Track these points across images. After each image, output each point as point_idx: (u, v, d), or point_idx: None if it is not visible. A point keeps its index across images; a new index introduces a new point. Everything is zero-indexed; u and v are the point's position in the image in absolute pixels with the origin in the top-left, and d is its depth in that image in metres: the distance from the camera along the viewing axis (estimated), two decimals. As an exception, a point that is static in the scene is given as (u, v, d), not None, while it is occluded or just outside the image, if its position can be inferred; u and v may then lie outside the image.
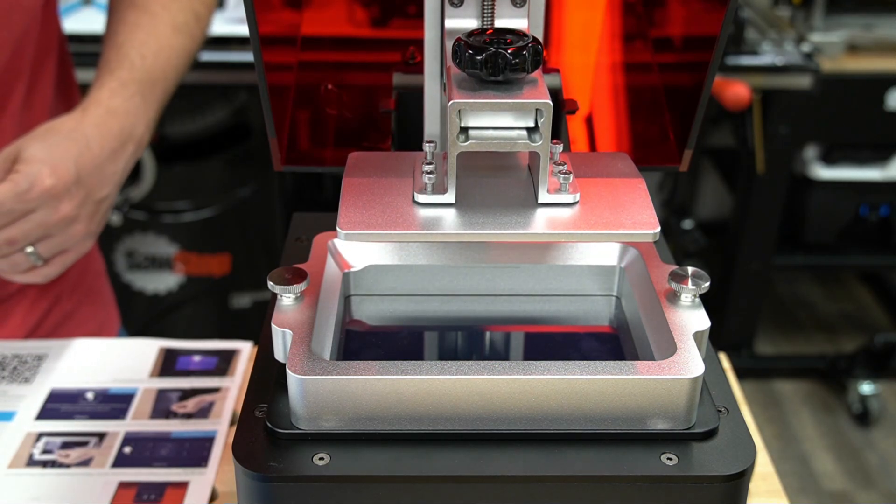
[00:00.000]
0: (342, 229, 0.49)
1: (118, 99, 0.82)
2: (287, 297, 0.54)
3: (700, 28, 0.62)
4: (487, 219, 0.50)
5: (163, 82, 0.87)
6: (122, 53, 0.85)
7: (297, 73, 0.69)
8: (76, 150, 0.77)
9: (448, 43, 0.54)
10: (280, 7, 0.70)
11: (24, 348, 0.86)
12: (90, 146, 0.78)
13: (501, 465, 0.48)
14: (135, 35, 0.87)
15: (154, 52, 0.87)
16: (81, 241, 0.80)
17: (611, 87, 0.74)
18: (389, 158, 0.57)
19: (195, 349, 0.86)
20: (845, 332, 2.45)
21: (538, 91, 0.49)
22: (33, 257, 0.77)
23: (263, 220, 1.91)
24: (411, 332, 0.61)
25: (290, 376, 0.49)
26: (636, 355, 0.57)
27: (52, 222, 0.76)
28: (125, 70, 0.84)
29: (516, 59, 0.49)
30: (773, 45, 1.89)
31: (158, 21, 0.88)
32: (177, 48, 0.89)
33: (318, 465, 0.48)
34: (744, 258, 2.07)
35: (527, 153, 0.56)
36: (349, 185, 0.52)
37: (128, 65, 0.85)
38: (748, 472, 0.48)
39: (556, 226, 0.50)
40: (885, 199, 2.04)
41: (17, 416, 0.77)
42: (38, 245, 0.77)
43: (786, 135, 1.91)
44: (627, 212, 0.51)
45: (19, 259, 0.77)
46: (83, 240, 0.80)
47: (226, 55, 1.68)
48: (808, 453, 2.07)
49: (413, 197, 0.51)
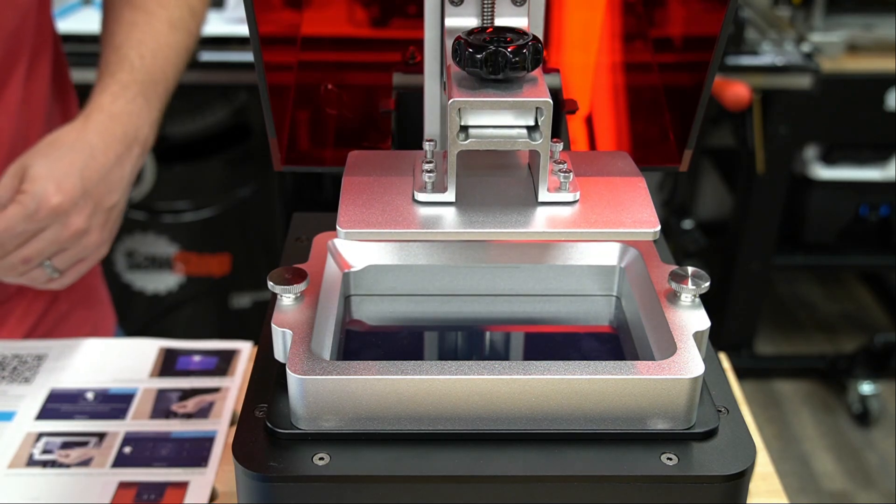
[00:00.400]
0: (342, 228, 0.49)
1: (120, 102, 0.82)
2: (287, 297, 0.54)
3: (700, 28, 0.62)
4: (487, 217, 0.50)
5: (164, 81, 0.87)
6: (122, 55, 0.85)
7: (297, 73, 0.69)
8: (81, 162, 0.77)
9: (448, 42, 0.54)
10: (280, 7, 0.70)
11: (24, 348, 0.86)
12: (95, 155, 0.78)
13: (501, 465, 0.48)
14: (132, 34, 0.87)
15: (153, 51, 0.86)
16: (96, 249, 0.80)
17: (611, 87, 0.74)
18: (389, 157, 0.57)
19: (195, 349, 0.86)
20: (845, 332, 2.45)
21: (538, 89, 0.49)
22: (49, 270, 0.78)
23: (263, 220, 1.91)
24: (411, 333, 0.61)
25: (290, 376, 0.49)
26: (636, 355, 0.57)
27: (64, 238, 0.76)
28: (125, 72, 0.84)
29: (516, 57, 0.48)
30: (773, 45, 1.89)
31: (155, 19, 0.88)
32: (175, 45, 0.89)
33: (318, 465, 0.48)
34: (744, 258, 2.07)
35: (527, 152, 0.56)
36: (349, 184, 0.52)
37: (128, 66, 0.84)
38: (748, 472, 0.48)
39: (556, 224, 0.50)
40: (885, 199, 2.04)
41: (17, 416, 0.77)
42: (54, 259, 0.78)
43: (786, 135, 1.91)
44: (628, 210, 0.51)
45: (37, 274, 0.78)
46: (98, 248, 0.80)
47: (226, 55, 1.68)
48: (808, 453, 2.07)
49: (413, 196, 0.51)
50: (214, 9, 1.77)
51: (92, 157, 0.78)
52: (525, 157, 0.56)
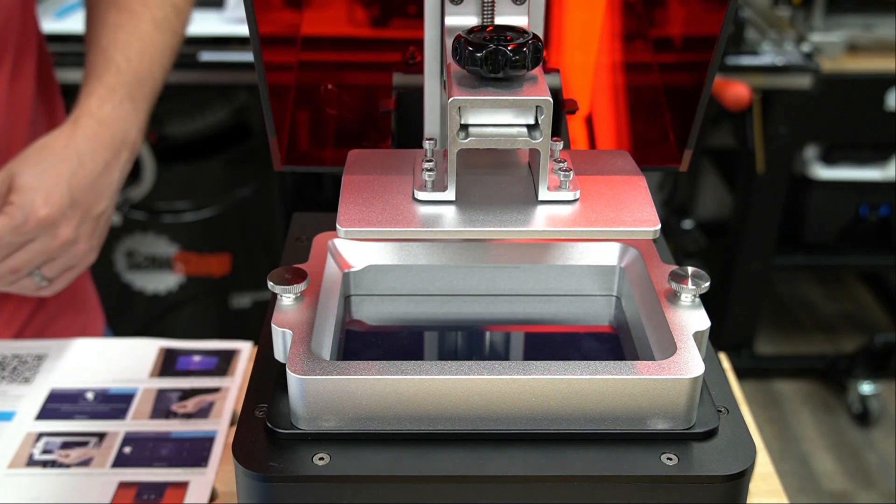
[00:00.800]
0: (342, 226, 0.49)
1: (108, 106, 0.81)
2: (287, 297, 0.54)
3: (700, 28, 0.62)
4: (488, 216, 0.50)
5: (150, 82, 0.87)
6: (108, 57, 0.84)
7: (297, 73, 0.69)
8: (69, 171, 0.76)
9: (448, 41, 0.54)
10: (280, 7, 0.70)
11: (24, 348, 0.86)
12: (83, 163, 0.77)
13: (501, 465, 0.48)
14: (118, 36, 0.86)
15: (139, 52, 0.86)
16: (85, 256, 0.80)
17: (611, 87, 0.74)
18: (389, 156, 0.57)
19: (195, 349, 0.86)
20: (845, 332, 2.45)
21: (538, 88, 0.49)
22: (38, 278, 0.78)
23: (263, 220, 1.91)
24: (411, 333, 0.61)
25: (290, 376, 0.49)
26: (636, 355, 0.57)
27: (52, 248, 0.76)
28: (112, 75, 0.83)
29: (517, 55, 0.48)
30: (773, 45, 1.89)
31: (139, 20, 0.87)
32: (160, 46, 0.88)
33: (318, 465, 0.48)
34: (744, 258, 2.07)
35: (527, 151, 0.56)
36: (349, 183, 0.52)
37: (114, 69, 0.84)
38: (748, 472, 0.48)
39: (556, 223, 0.50)
40: (885, 199, 2.04)
41: (17, 416, 0.77)
42: (43, 268, 0.77)
43: (786, 135, 1.91)
44: (628, 209, 0.51)
45: (26, 283, 0.78)
46: (86, 255, 0.80)
47: (226, 55, 1.68)
48: (808, 453, 2.07)
49: (413, 194, 0.51)
50: (214, 9, 1.78)
51: (80, 166, 0.77)
52: (525, 156, 0.56)
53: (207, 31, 1.70)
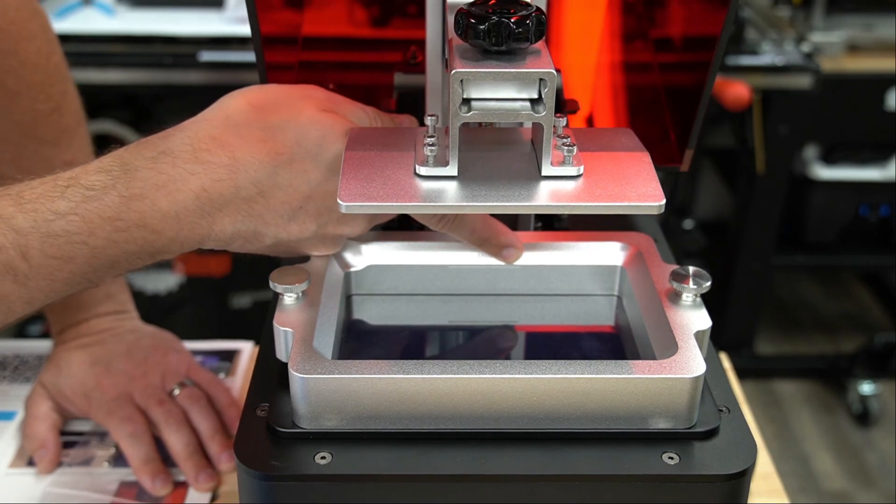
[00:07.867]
0: (343, 201, 0.47)
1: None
2: (289, 297, 0.54)
3: (701, 28, 0.63)
4: (490, 191, 0.49)
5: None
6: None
7: (298, 72, 0.69)
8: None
9: (450, 16, 0.53)
10: (282, 7, 0.70)
11: (25, 348, 0.86)
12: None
13: (503, 465, 0.48)
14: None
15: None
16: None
17: (611, 87, 0.74)
18: (390, 133, 0.55)
19: (195, 349, 0.86)
20: (845, 332, 2.45)
21: (542, 61, 0.48)
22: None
23: (263, 220, 1.91)
24: (412, 332, 0.61)
25: (291, 375, 0.49)
26: (637, 355, 0.57)
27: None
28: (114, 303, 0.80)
29: (520, 28, 0.47)
30: (773, 45, 1.89)
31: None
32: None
33: (319, 464, 0.48)
34: (744, 258, 2.07)
35: (529, 129, 0.55)
36: (350, 159, 0.51)
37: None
38: (749, 471, 0.49)
39: (559, 198, 0.49)
40: (885, 199, 2.04)
41: (17, 416, 0.77)
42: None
43: (786, 135, 1.91)
44: (632, 184, 0.50)
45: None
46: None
47: (226, 55, 1.68)
48: (808, 453, 2.07)
49: (415, 169, 0.50)
50: (214, 9, 1.78)
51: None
52: (528, 133, 0.55)
53: (207, 31, 1.70)
